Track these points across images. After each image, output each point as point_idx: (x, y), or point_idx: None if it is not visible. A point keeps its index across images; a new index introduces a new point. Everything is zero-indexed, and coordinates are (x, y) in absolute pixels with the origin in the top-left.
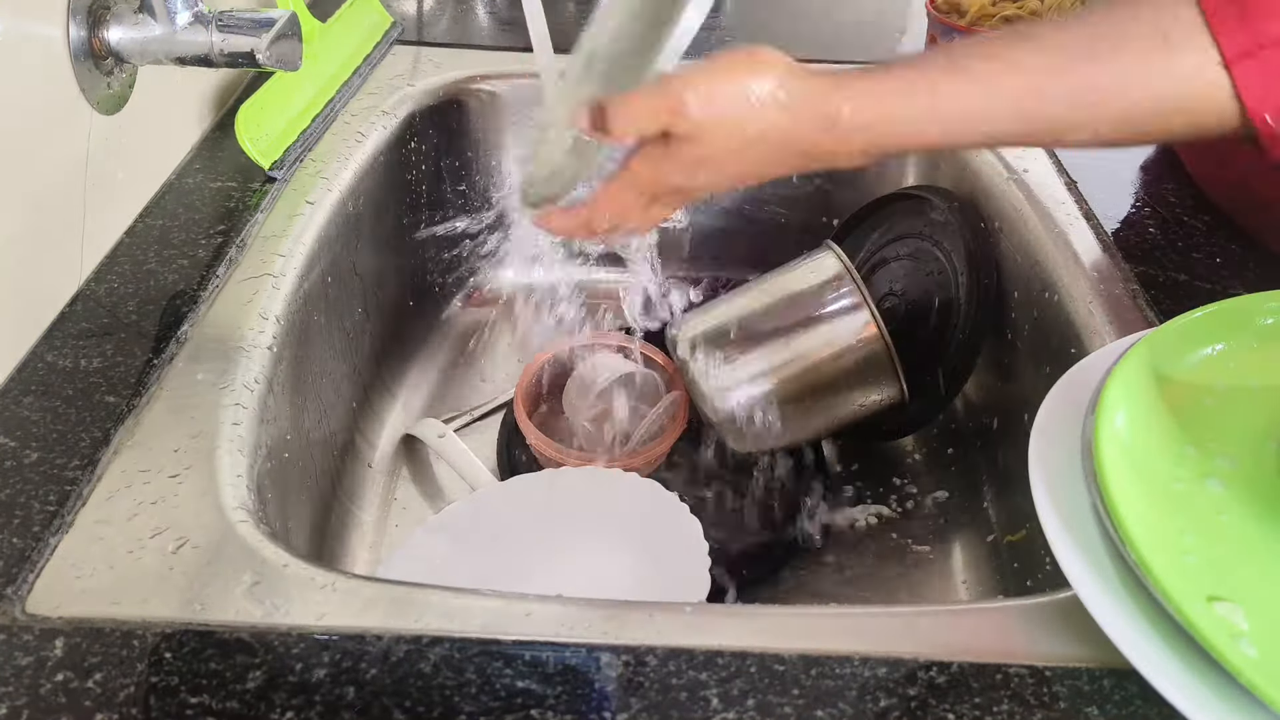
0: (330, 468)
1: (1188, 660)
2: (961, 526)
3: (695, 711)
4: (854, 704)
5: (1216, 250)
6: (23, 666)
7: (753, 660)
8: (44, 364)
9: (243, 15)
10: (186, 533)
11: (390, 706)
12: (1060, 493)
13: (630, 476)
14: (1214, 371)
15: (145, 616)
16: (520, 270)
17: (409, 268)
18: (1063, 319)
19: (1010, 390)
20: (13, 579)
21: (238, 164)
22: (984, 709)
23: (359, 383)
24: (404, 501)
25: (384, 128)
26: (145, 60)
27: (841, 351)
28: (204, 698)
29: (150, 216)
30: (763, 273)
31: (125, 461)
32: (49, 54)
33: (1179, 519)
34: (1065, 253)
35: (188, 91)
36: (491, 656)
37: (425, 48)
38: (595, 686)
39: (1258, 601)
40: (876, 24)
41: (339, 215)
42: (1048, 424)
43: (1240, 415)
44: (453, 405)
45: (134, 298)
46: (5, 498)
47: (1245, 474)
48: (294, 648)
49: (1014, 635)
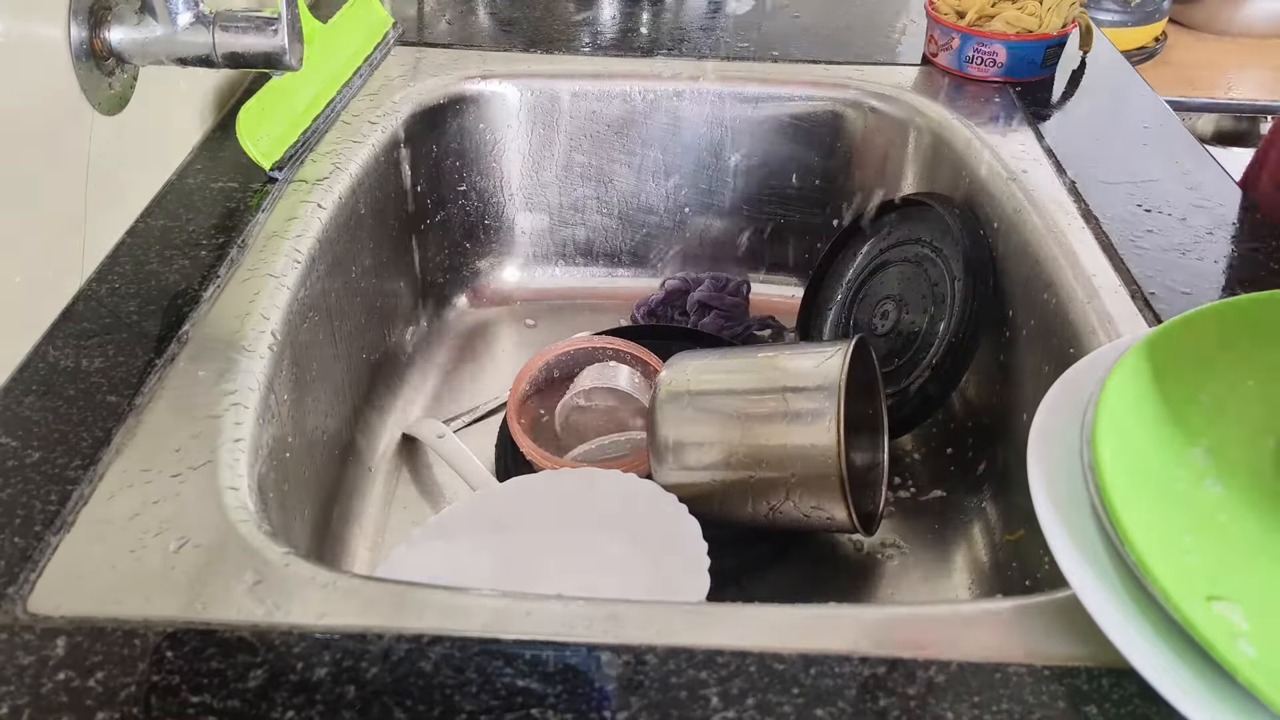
0: (331, 467)
1: (1186, 660)
2: (960, 526)
3: (695, 711)
4: (854, 703)
5: (1217, 250)
6: (24, 666)
7: (753, 660)
8: (45, 364)
9: (243, 15)
10: (188, 532)
11: (391, 705)
12: (1059, 492)
13: (629, 477)
14: (1213, 371)
15: (147, 615)
16: (521, 270)
17: (410, 268)
18: (1063, 319)
19: (1010, 390)
20: (14, 578)
21: (239, 164)
22: (983, 708)
23: (359, 382)
24: (404, 501)
25: (384, 128)
26: (146, 61)
27: (794, 450)
28: (205, 696)
29: (152, 216)
30: (763, 273)
31: (126, 461)
32: (50, 54)
33: (1178, 518)
34: (1065, 253)
35: (189, 92)
36: (492, 656)
37: (426, 48)
38: (595, 686)
39: (1257, 601)
40: (876, 24)
41: (340, 215)
42: (1047, 424)
43: (1239, 415)
44: (453, 405)
45: (135, 297)
46: (7, 497)
47: (1244, 474)
48: (295, 647)
49: (1013, 635)
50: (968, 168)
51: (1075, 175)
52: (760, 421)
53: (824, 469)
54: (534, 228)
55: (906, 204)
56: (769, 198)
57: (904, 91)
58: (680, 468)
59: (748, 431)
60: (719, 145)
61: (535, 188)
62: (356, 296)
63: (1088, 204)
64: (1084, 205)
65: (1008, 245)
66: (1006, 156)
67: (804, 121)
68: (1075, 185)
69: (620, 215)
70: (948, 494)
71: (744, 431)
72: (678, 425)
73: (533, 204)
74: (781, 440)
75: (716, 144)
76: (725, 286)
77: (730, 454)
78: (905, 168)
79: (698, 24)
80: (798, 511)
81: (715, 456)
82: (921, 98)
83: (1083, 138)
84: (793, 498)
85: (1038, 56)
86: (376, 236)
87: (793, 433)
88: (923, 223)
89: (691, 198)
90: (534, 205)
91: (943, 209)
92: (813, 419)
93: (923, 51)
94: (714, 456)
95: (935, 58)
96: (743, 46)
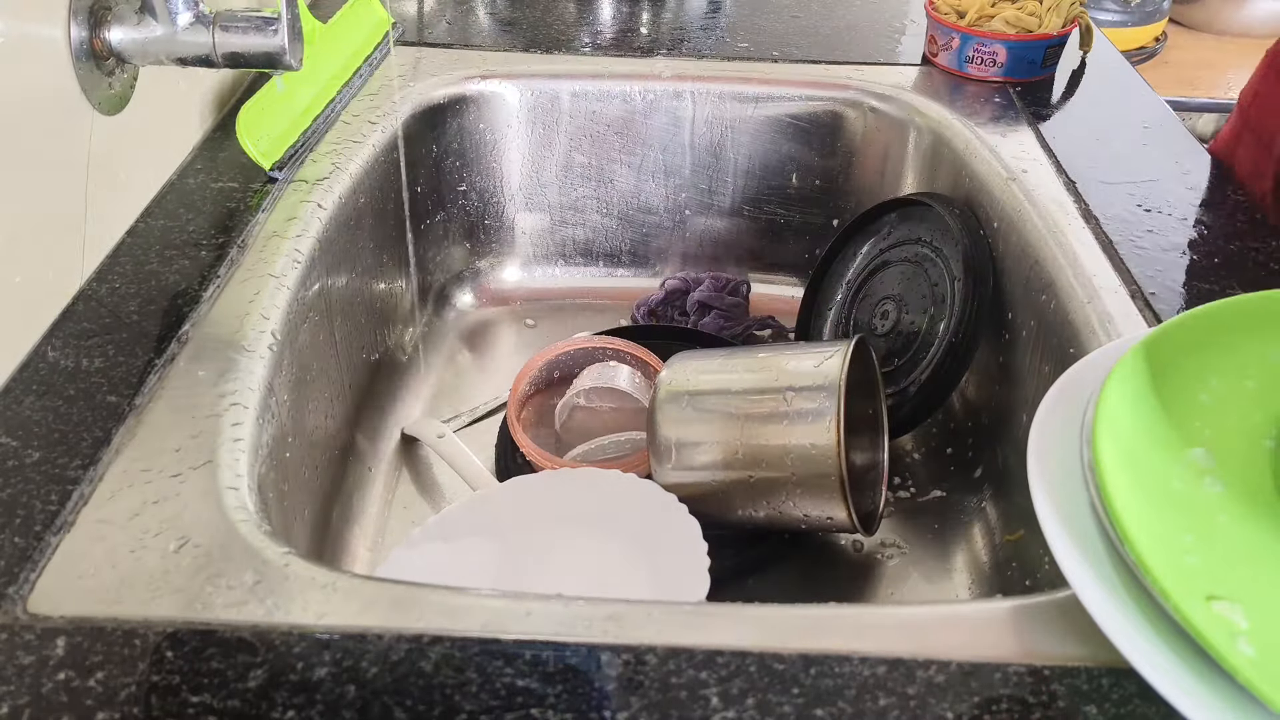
0: (331, 467)
1: (1186, 659)
2: (960, 526)
3: (695, 710)
4: (853, 703)
5: (1216, 250)
6: (24, 665)
7: (753, 660)
8: (46, 364)
9: (243, 16)
10: (188, 532)
11: (391, 705)
12: (1059, 492)
13: (629, 477)
14: (1213, 371)
15: (147, 615)
16: (521, 270)
17: (410, 268)
18: (1063, 319)
19: (1010, 390)
20: (14, 578)
21: (239, 164)
22: (983, 708)
23: (359, 382)
24: (404, 501)
25: (384, 128)
26: (146, 61)
27: (794, 451)
28: (205, 696)
29: (152, 216)
30: (763, 273)
31: (127, 461)
32: (50, 54)
33: (1178, 518)
34: (1065, 253)
35: (189, 92)
36: (492, 655)
37: (425, 48)
38: (595, 685)
39: (1257, 600)
40: (876, 24)
41: (340, 215)
42: (1047, 424)
43: (1239, 414)
44: (453, 405)
45: (135, 297)
46: (7, 497)
47: (1244, 473)
48: (295, 647)
49: (1013, 635)
50: (968, 168)
51: (1075, 175)
52: (760, 421)
53: (824, 469)
54: (534, 228)
55: (906, 204)
56: (769, 198)
57: (904, 91)
58: (680, 468)
59: (748, 431)
60: (719, 145)
61: (535, 188)
62: (356, 296)
63: (1088, 204)
64: (1084, 205)
65: (1008, 245)
66: (1006, 156)
67: (804, 121)
68: (1075, 185)
69: (620, 215)
70: (948, 494)
71: (744, 431)
72: (678, 425)
73: (533, 204)
74: (781, 440)
75: (716, 144)
76: (725, 286)
77: (730, 454)
78: (905, 168)
79: (698, 24)
80: (798, 511)
81: (715, 456)
82: (921, 98)
83: (1083, 138)
84: (793, 498)
85: (1038, 56)
86: (376, 236)
87: (793, 433)
88: (923, 223)
89: (691, 198)
90: (534, 205)
91: (943, 209)
92: (813, 419)
93: (922, 51)
94: (714, 456)
95: (935, 58)
96: (743, 47)
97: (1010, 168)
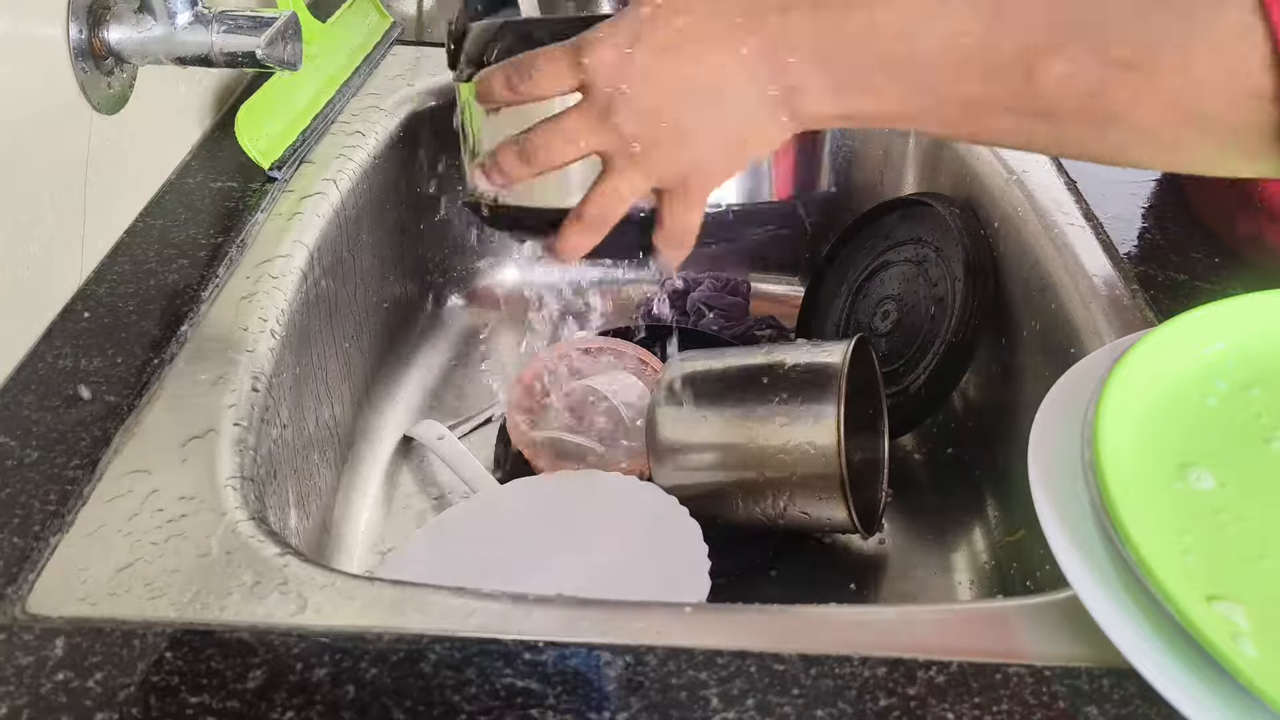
0: (330, 467)
1: (1187, 660)
2: (961, 526)
3: (695, 711)
4: (854, 704)
5: (1216, 250)
6: (23, 666)
7: (753, 660)
8: (44, 363)
9: (243, 15)
10: (187, 532)
11: (390, 706)
12: (1059, 492)
13: (629, 478)
14: (1213, 371)
15: (145, 616)
16: (521, 270)
17: (409, 267)
18: (1063, 319)
19: (1010, 390)
20: (13, 579)
21: (238, 164)
22: (983, 709)
23: (359, 383)
24: (404, 502)
25: (384, 128)
26: (145, 60)
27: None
28: (204, 697)
29: (150, 216)
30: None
31: (125, 461)
32: (49, 54)
33: (1178, 518)
34: (1065, 253)
35: (188, 91)
36: (491, 656)
37: (425, 48)
38: (595, 686)
39: (1258, 600)
40: None
41: (339, 215)
42: (1047, 424)
43: (1239, 414)
44: (453, 405)
45: (134, 297)
46: (5, 497)
47: (1244, 474)
48: (294, 647)
49: (1013, 635)
50: (968, 168)
51: (1075, 175)
52: (760, 422)
53: (824, 469)
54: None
55: (907, 204)
56: None
57: None
58: (680, 469)
59: (748, 432)
60: None
61: None
62: (356, 296)
63: (1088, 204)
64: (1084, 205)
65: (1008, 245)
66: (1007, 156)
67: None
68: (1075, 185)
69: None
70: (948, 494)
71: (744, 432)
72: (677, 426)
73: None
74: (781, 440)
75: None
76: (725, 286)
77: (730, 455)
78: (905, 168)
79: None
80: (798, 511)
81: (715, 457)
82: None
83: None
84: (793, 498)
85: None
86: (376, 236)
87: (793, 433)
88: (923, 223)
89: None
90: None
91: (943, 209)
92: (813, 419)
93: None
94: (714, 457)
95: None
96: None
97: (1010, 168)
